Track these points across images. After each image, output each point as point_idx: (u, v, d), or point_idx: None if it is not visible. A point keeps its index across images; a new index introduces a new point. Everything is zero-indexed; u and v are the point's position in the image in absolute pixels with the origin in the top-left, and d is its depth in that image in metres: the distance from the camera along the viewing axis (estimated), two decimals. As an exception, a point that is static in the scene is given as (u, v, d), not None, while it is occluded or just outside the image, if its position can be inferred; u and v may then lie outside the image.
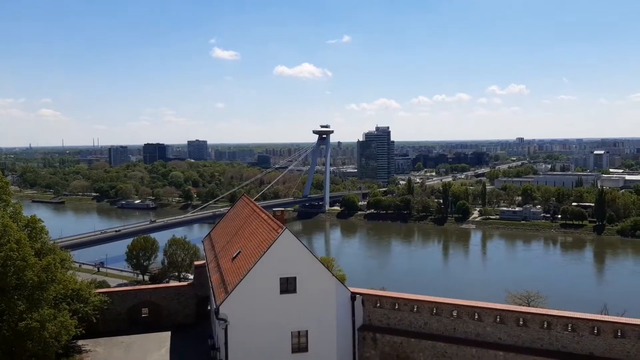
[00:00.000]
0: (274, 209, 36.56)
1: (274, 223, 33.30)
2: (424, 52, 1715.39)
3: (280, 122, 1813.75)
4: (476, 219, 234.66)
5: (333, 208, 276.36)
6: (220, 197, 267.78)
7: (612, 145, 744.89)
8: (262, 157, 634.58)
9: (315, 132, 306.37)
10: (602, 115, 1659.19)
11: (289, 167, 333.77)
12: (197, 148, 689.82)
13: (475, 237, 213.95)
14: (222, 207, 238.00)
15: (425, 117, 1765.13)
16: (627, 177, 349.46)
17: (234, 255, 34.34)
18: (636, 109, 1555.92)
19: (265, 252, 30.18)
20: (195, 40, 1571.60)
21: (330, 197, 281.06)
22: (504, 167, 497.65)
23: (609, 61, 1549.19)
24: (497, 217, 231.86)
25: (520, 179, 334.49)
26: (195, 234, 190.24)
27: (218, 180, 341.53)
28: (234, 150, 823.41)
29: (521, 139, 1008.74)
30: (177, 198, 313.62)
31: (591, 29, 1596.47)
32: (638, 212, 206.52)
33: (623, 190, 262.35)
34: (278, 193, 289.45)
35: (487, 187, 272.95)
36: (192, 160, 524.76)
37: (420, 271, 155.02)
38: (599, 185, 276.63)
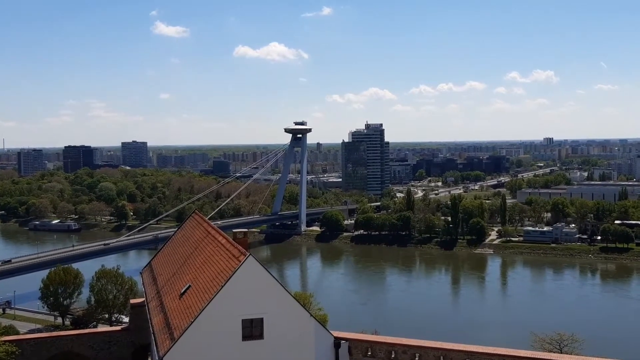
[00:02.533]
0: (234, 230, 36.42)
1: (234, 248, 33.20)
2: (427, 29, 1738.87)
3: (242, 118, 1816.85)
4: (494, 242, 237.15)
5: (311, 228, 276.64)
6: (164, 215, 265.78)
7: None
8: (219, 163, 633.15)
9: (287, 130, 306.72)
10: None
11: (254, 176, 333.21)
12: (134, 152, 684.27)
13: (493, 265, 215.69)
14: (166, 228, 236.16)
15: (428, 112, 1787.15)
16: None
17: (182, 291, 34.16)
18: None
19: (223, 287, 30.07)
20: (131, 12, 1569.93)
21: (307, 215, 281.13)
22: (529, 175, 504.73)
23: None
24: (521, 239, 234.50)
25: (550, 191, 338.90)
26: (132, 264, 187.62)
27: (161, 193, 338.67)
28: (182, 155, 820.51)
29: (550, 140, 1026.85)
30: (108, 217, 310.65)
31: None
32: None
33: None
34: (240, 209, 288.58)
35: (507, 201, 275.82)
36: (128, 168, 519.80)
37: (423, 309, 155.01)
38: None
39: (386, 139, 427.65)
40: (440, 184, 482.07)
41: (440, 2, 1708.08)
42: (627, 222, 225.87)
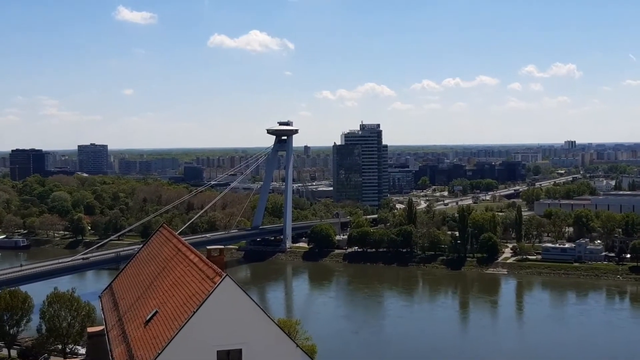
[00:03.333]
0: (209, 247, 36.34)
1: (208, 268, 33.17)
2: (431, 16, 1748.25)
3: (218, 117, 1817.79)
4: (508, 261, 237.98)
5: (297, 245, 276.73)
6: (127, 229, 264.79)
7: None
8: (192, 170, 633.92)
9: (270, 132, 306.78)
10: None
11: (232, 184, 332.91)
12: (92, 156, 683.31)
13: (507, 288, 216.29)
14: (129, 244, 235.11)
15: (432, 110, 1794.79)
16: None
17: (147, 318, 34.07)
18: None
19: (195, 312, 29.99)
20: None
21: (293, 229, 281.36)
22: (548, 183, 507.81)
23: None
24: (539, 257, 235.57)
25: (572, 202, 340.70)
26: (89, 286, 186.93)
27: (124, 204, 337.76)
28: (148, 160, 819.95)
29: (572, 143, 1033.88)
30: (62, 232, 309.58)
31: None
32: None
33: None
34: (215, 223, 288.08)
35: (523, 214, 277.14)
36: (85, 175, 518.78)
37: (426, 339, 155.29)
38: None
39: (384, 142, 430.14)
40: (446, 193, 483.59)
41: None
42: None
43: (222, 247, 38.10)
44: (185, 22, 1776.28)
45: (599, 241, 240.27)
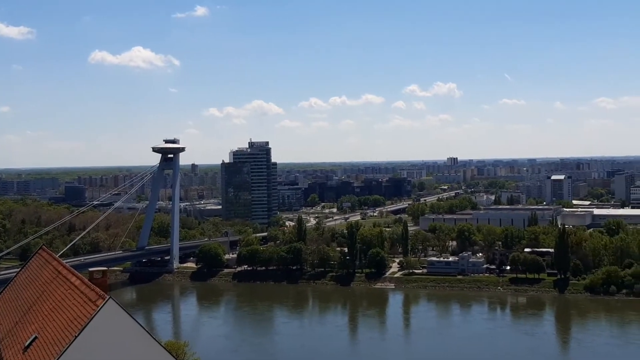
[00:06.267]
0: (91, 270, 35.70)
1: (90, 291, 32.58)
2: (317, 35, 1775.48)
3: (101, 135, 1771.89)
4: (395, 275, 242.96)
5: (185, 265, 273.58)
6: (4, 252, 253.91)
7: (574, 168, 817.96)
8: (73, 189, 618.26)
9: (156, 150, 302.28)
10: (560, 126, 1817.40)
11: (116, 204, 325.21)
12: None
13: (395, 301, 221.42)
14: (7, 268, 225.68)
15: (320, 128, 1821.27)
16: (596, 211, 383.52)
17: (26, 344, 33.11)
18: (604, 117, 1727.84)
19: (77, 337, 29.38)
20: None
21: (181, 249, 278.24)
22: (432, 199, 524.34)
23: (566, 50, 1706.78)
24: (424, 270, 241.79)
25: (455, 216, 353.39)
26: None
27: (1, 226, 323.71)
28: (26, 179, 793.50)
29: (454, 160, 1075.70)
30: None
31: (542, 5, 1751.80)
32: (611, 259, 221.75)
33: (591, 229, 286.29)
34: (98, 244, 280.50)
35: (409, 229, 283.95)
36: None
37: (306, 355, 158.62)
38: (559, 223, 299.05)
39: (273, 159, 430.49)
40: (335, 210, 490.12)
41: (333, 6, 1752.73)
42: (538, 249, 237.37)
43: (106, 269, 37.41)
44: (65, 38, 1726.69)
45: (480, 254, 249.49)
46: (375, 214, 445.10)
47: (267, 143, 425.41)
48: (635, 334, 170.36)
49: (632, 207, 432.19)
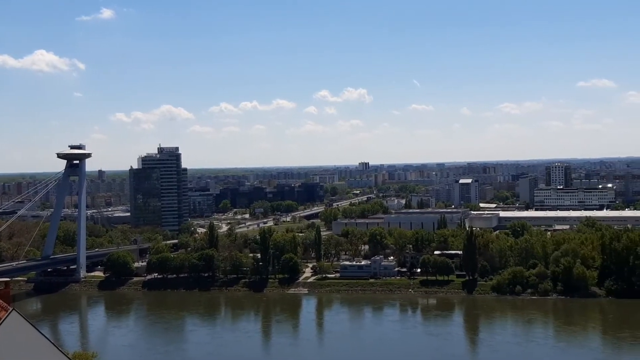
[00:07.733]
0: (-10, 278, 34.46)
1: (-12, 300, 31.42)
2: (226, 38, 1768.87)
3: (3, 141, 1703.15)
4: (309, 280, 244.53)
5: (93, 274, 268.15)
6: None
7: (481, 172, 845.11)
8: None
9: (61, 156, 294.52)
10: (467, 131, 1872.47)
11: (19, 212, 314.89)
12: None
13: (308, 306, 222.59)
14: None
15: (231, 133, 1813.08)
16: (502, 213, 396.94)
17: None
18: (508, 122, 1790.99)
19: (-28, 348, 28.23)
20: None
21: (88, 258, 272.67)
22: (345, 203, 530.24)
23: (472, 57, 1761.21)
24: (337, 275, 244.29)
25: (367, 220, 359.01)
26: None
27: None
28: None
29: (365, 165, 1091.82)
30: None
31: (449, 12, 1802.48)
32: (516, 260, 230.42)
33: (497, 231, 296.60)
34: (1, 254, 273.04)
35: (322, 233, 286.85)
36: None
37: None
38: (467, 225, 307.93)
39: (183, 165, 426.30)
40: (247, 215, 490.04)
41: (243, 11, 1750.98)
42: (447, 252, 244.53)
43: (9, 279, 36.49)
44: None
45: (392, 257, 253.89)
46: (288, 220, 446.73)
47: (177, 148, 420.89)
48: (537, 332, 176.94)
49: (536, 209, 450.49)
